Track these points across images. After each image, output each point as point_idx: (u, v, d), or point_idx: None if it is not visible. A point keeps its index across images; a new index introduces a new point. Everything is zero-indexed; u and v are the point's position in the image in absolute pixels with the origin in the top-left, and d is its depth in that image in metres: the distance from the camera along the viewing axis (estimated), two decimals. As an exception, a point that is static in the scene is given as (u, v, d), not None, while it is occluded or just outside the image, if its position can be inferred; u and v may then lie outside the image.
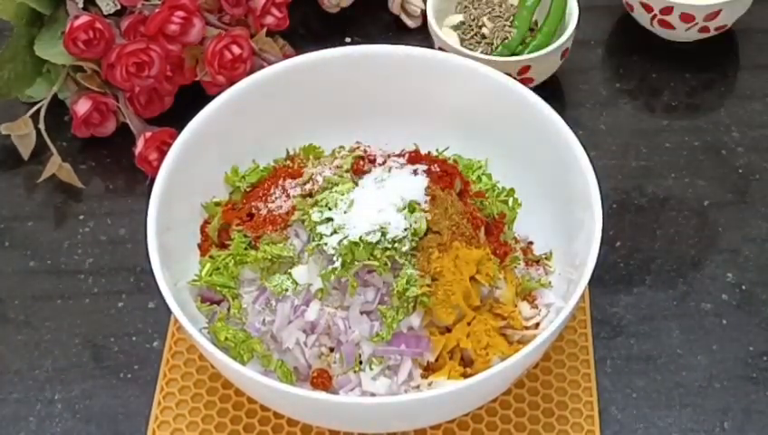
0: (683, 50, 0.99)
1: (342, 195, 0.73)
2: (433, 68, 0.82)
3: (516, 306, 0.74)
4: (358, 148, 0.81)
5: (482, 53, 0.93)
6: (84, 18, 0.86)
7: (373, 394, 0.71)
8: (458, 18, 0.96)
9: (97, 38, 0.86)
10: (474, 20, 0.96)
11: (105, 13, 0.90)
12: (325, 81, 0.82)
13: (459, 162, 0.82)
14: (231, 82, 0.82)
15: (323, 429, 0.75)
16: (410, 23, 1.01)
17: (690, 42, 0.98)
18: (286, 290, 0.72)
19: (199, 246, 0.79)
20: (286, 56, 0.92)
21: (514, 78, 0.83)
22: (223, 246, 0.78)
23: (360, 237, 0.70)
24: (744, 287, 0.83)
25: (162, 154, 0.82)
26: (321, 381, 0.71)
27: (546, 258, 0.79)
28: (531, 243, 0.80)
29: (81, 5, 0.90)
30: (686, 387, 0.78)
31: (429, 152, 0.82)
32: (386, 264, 0.70)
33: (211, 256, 0.76)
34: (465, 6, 0.97)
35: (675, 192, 0.89)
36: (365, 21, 1.02)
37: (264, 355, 0.72)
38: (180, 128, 0.78)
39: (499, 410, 0.76)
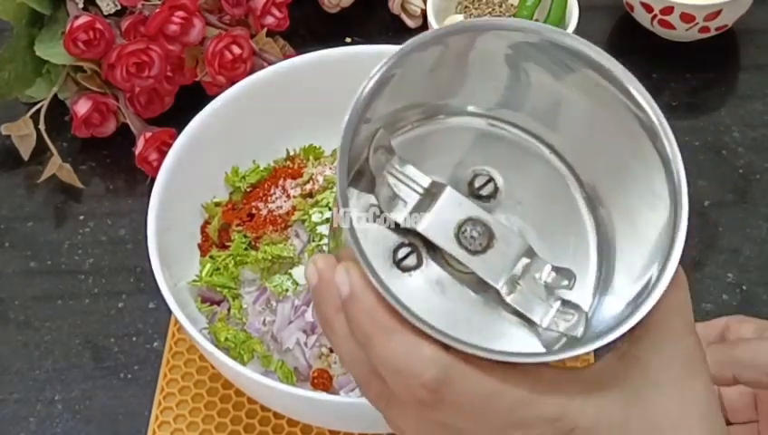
0: (683, 50, 0.99)
1: (343, 195, 0.73)
2: (433, 68, 0.82)
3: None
4: (358, 148, 0.81)
5: (482, 53, 0.93)
6: (84, 18, 0.86)
7: (373, 394, 0.71)
8: (458, 18, 0.96)
9: (97, 38, 0.86)
10: (474, 20, 0.96)
11: (105, 13, 0.90)
12: (325, 81, 0.82)
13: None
14: (231, 83, 0.82)
15: (323, 429, 0.75)
16: (410, 23, 1.01)
17: (690, 42, 0.98)
18: (286, 290, 0.72)
19: (199, 246, 0.79)
20: (286, 56, 0.92)
21: (515, 78, 0.82)
22: (223, 246, 0.78)
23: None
24: (744, 287, 0.83)
25: (162, 154, 0.82)
26: (322, 381, 0.71)
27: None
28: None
29: (81, 6, 0.89)
30: (686, 387, 0.77)
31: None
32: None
33: (211, 257, 0.76)
34: (466, 6, 0.97)
35: (675, 192, 0.89)
36: (365, 21, 1.02)
37: (264, 356, 0.72)
38: (180, 128, 0.78)
39: (499, 410, 0.76)
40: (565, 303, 0.45)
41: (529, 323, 0.46)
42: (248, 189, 0.81)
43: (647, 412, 0.44)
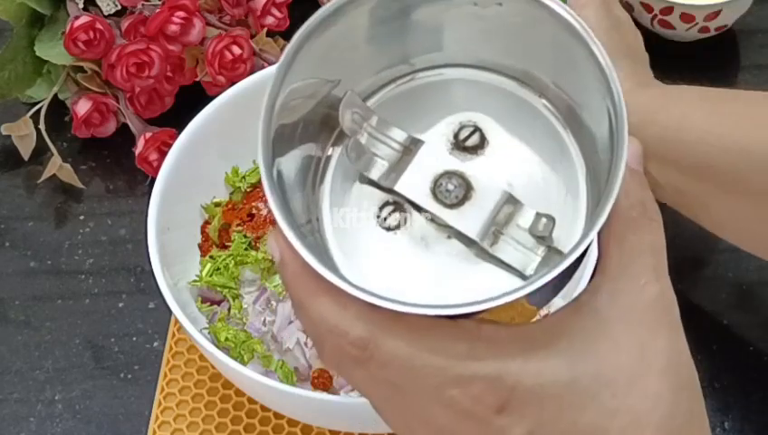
0: (683, 50, 0.98)
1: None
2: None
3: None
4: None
5: (482, 53, 0.92)
6: (85, 19, 0.86)
7: (373, 394, 0.71)
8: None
9: (97, 38, 0.86)
10: (474, 20, 0.96)
11: (105, 13, 0.90)
12: (325, 81, 0.82)
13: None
14: (231, 83, 0.82)
15: (324, 429, 0.75)
16: (410, 23, 1.01)
17: (690, 42, 0.98)
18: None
19: (200, 246, 0.79)
20: (286, 56, 0.92)
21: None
22: (223, 246, 0.78)
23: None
24: (744, 287, 0.83)
25: (162, 154, 0.82)
26: (322, 381, 0.71)
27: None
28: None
29: (81, 6, 0.90)
30: (686, 387, 0.78)
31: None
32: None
33: (211, 257, 0.77)
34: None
35: (675, 192, 0.89)
36: (365, 21, 1.02)
37: (264, 356, 0.72)
38: (180, 128, 0.78)
39: (499, 410, 0.76)
40: (550, 249, 0.44)
41: (518, 272, 0.44)
42: (248, 189, 0.81)
43: (599, 368, 0.41)
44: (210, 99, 0.80)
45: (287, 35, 0.96)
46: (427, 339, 0.41)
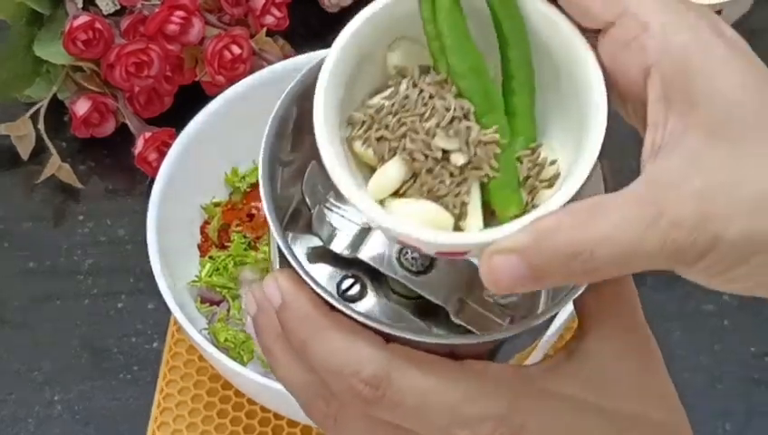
0: (684, 50, 0.98)
1: (343, 195, 0.73)
2: (433, 68, 0.81)
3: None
4: (358, 148, 0.80)
5: (482, 53, 0.92)
6: (84, 18, 0.86)
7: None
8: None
9: (96, 38, 0.86)
10: (474, 20, 0.95)
11: (105, 13, 0.89)
12: (325, 81, 0.82)
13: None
14: (231, 82, 0.82)
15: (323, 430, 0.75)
16: (411, 23, 1.01)
17: (691, 42, 0.98)
18: (286, 291, 0.72)
19: (199, 246, 0.79)
20: (286, 56, 0.92)
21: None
22: (222, 246, 0.78)
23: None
24: (745, 288, 0.82)
25: (162, 154, 0.82)
26: (322, 382, 0.71)
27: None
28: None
29: (80, 5, 0.89)
30: (687, 388, 0.77)
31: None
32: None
33: (211, 257, 0.76)
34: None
35: (676, 193, 0.88)
36: (365, 21, 1.02)
37: (263, 356, 0.72)
38: (180, 128, 0.78)
39: (500, 411, 0.75)
40: (514, 320, 0.44)
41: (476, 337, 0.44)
42: (248, 189, 0.80)
43: (602, 406, 0.42)
44: (209, 99, 0.79)
45: (287, 35, 0.95)
46: (439, 377, 0.41)
